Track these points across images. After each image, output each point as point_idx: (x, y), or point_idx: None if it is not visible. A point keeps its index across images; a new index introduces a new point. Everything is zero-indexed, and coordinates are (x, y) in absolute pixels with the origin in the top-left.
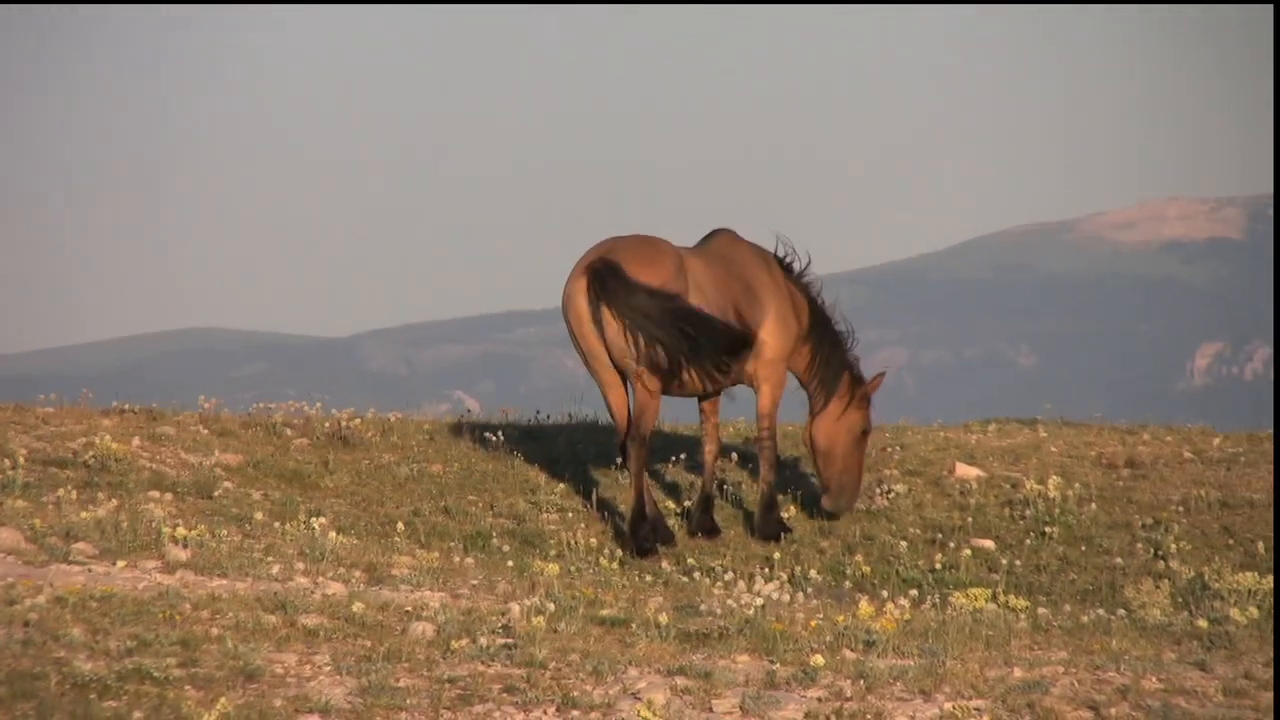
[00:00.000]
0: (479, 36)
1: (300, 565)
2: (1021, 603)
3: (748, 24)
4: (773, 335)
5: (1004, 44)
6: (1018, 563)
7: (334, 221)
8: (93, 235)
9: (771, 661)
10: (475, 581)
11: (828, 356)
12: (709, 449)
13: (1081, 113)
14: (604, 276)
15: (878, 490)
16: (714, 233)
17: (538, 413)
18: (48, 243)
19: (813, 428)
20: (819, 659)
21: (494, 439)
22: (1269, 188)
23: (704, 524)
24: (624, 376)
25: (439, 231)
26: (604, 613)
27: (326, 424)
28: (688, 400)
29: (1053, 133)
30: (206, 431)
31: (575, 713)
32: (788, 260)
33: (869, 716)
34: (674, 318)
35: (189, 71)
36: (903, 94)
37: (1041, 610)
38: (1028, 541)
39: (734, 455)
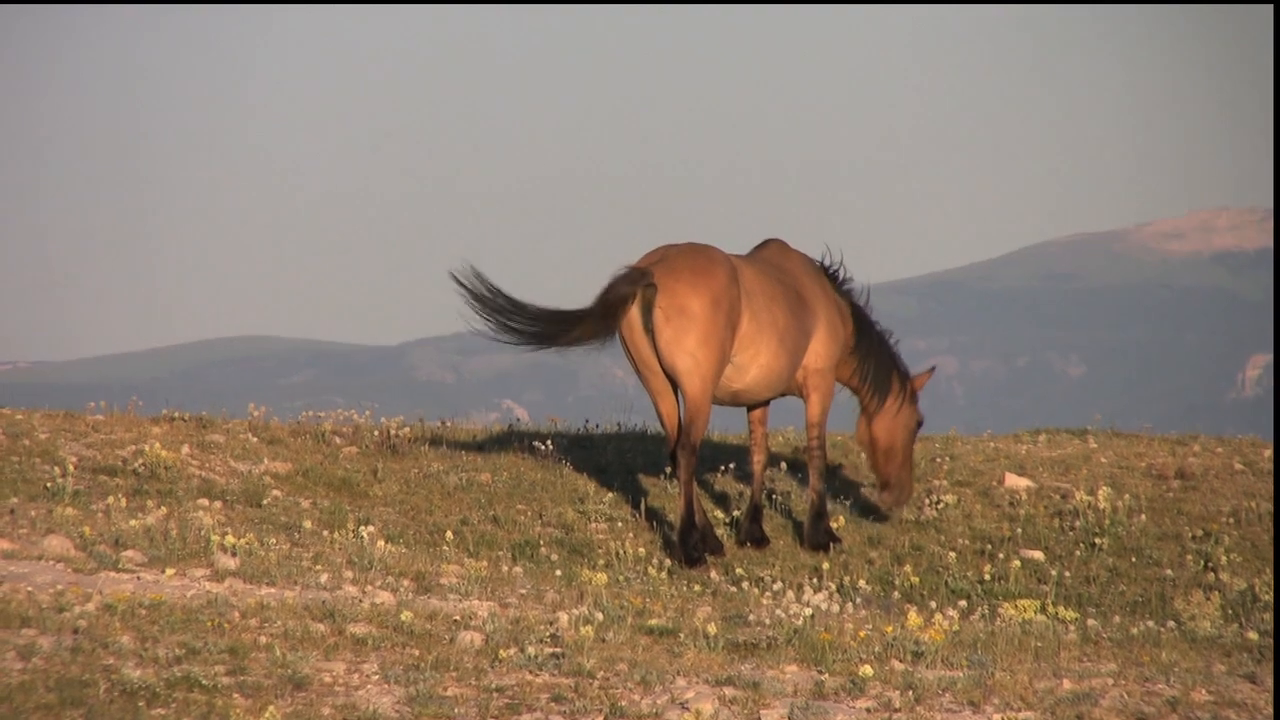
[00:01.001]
0: (533, 40)
1: (349, 574)
2: (1071, 614)
3: (794, 30)
4: (823, 344)
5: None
6: (1067, 574)
7: (384, 229)
8: (141, 242)
9: (820, 672)
10: (523, 591)
11: (875, 359)
12: (757, 458)
13: (1131, 121)
14: (648, 290)
15: (926, 501)
16: (765, 242)
17: (586, 422)
18: (97, 250)
19: (872, 428)
20: (867, 670)
21: (542, 448)
22: None
23: (752, 534)
24: (674, 385)
25: (489, 239)
26: (652, 622)
27: (375, 432)
28: (737, 410)
29: (1102, 142)
30: (255, 439)
31: None
32: (832, 269)
33: None
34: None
35: (239, 77)
36: (951, 103)
37: (1091, 622)
38: (1077, 553)
39: (782, 464)
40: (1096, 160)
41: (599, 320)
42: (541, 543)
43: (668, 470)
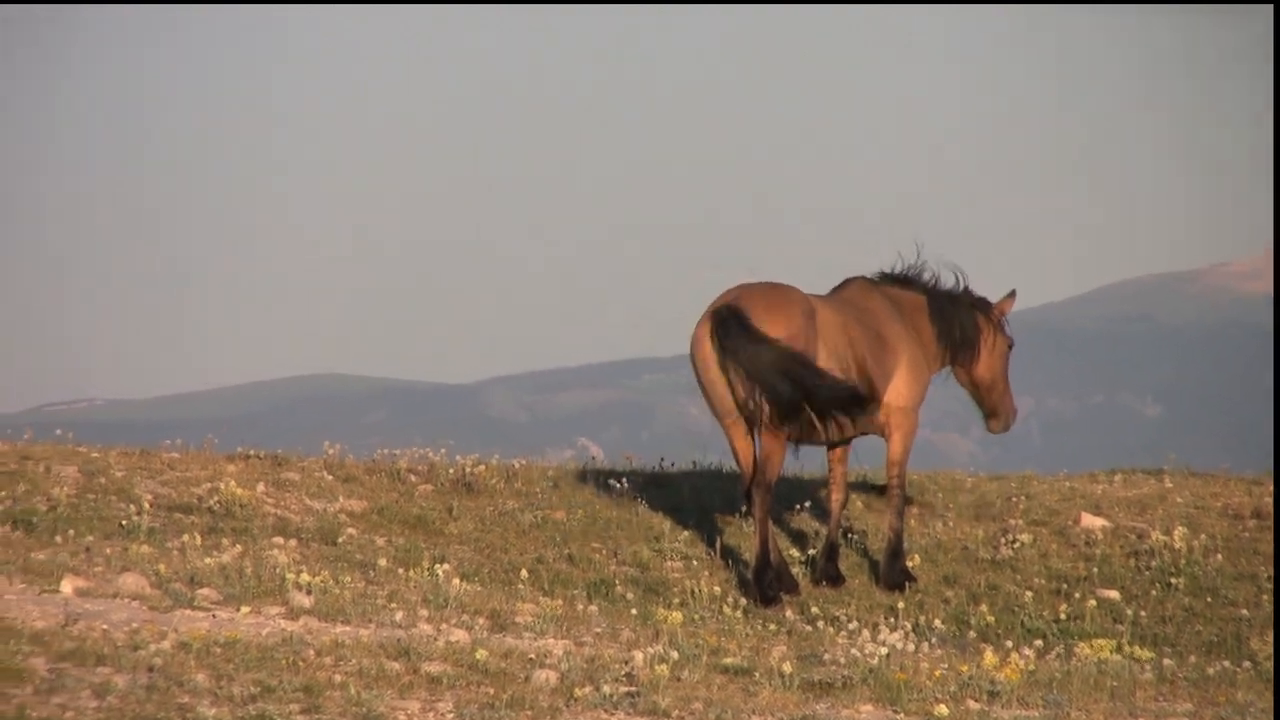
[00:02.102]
0: (606, 79)
1: (424, 612)
2: (1146, 654)
3: (870, 66)
4: (905, 384)
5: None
6: (1143, 613)
7: (460, 270)
8: (218, 281)
9: (895, 711)
10: (599, 629)
11: (959, 325)
12: (835, 497)
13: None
14: (727, 323)
15: (1002, 540)
16: (846, 281)
17: (662, 460)
18: (173, 288)
19: (973, 372)
20: (943, 709)
21: (618, 486)
22: None
23: (828, 572)
24: (750, 423)
25: (563, 279)
26: (727, 661)
27: (451, 470)
28: (815, 448)
29: (1177, 182)
30: (331, 478)
31: None
32: (897, 271)
33: None
34: (789, 369)
35: (328, 123)
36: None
37: (1167, 661)
38: (1153, 592)
39: (859, 503)
40: (1172, 200)
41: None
42: (617, 581)
43: (743, 509)
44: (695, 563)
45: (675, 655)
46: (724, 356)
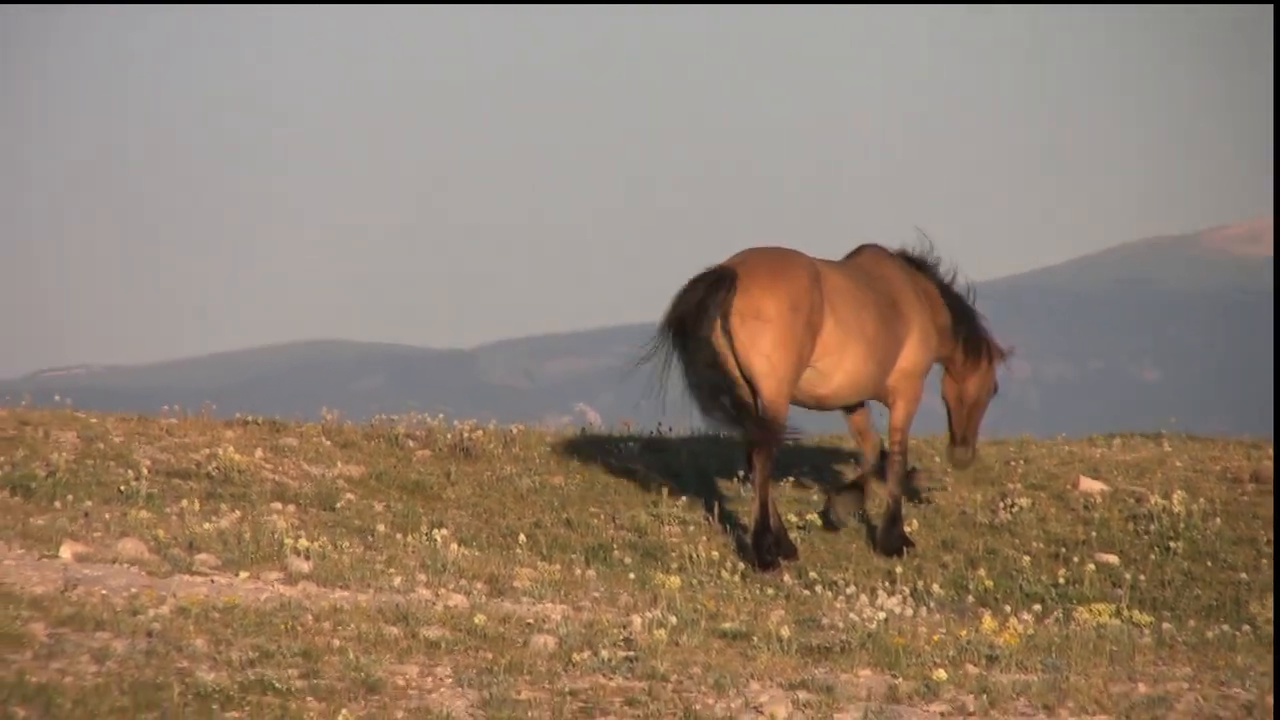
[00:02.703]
0: (606, 49)
1: (422, 577)
2: (1146, 618)
3: (872, 37)
4: (915, 350)
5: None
6: (1142, 578)
7: (456, 233)
8: (212, 247)
9: (894, 676)
10: (597, 594)
11: (967, 327)
12: (867, 448)
13: (1205, 124)
14: (722, 293)
15: (1001, 504)
16: (860, 248)
17: (659, 425)
18: (168, 254)
19: (963, 385)
20: (942, 674)
21: (615, 451)
22: None
23: (889, 541)
24: (751, 385)
25: (561, 244)
26: (726, 626)
27: (449, 436)
28: (817, 414)
29: (1176, 145)
30: (329, 443)
31: None
32: (918, 255)
33: None
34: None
35: (317, 88)
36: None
37: (1166, 626)
38: (1152, 556)
39: (856, 467)
40: (1171, 164)
41: (678, 324)
42: (615, 546)
43: (741, 474)
44: (693, 527)
45: (673, 620)
46: (726, 323)
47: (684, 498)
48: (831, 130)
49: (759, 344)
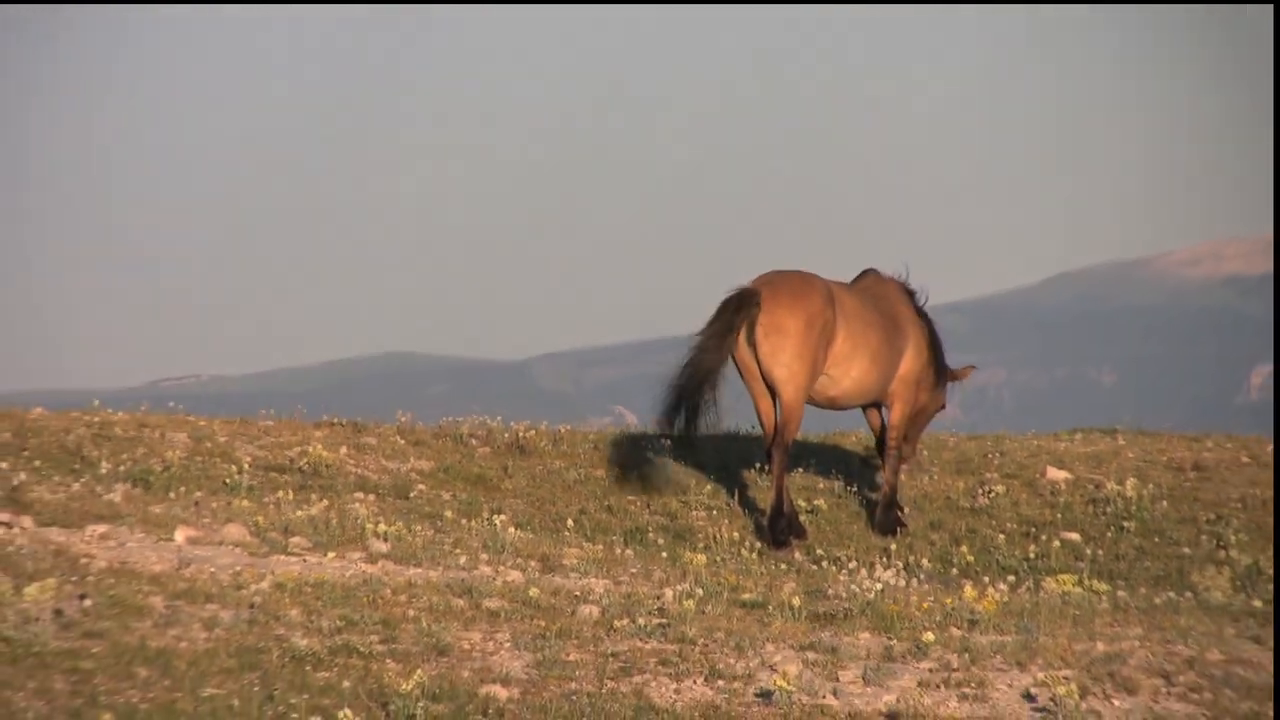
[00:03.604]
0: (661, 65)
1: (484, 556)
2: (1103, 587)
3: (856, 66)
4: (911, 360)
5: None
6: (1100, 552)
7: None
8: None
9: (889, 638)
10: (634, 570)
11: (938, 365)
12: (888, 443)
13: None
14: (749, 307)
15: (980, 490)
16: (864, 272)
17: None
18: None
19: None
20: (930, 636)
21: (650, 447)
22: None
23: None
24: (772, 391)
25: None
26: (745, 596)
27: (505, 435)
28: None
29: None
30: (403, 441)
31: (720, 682)
32: (910, 288)
33: (973, 685)
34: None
35: (393, 120)
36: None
37: (1121, 593)
38: (1108, 534)
39: (858, 461)
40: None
41: (720, 338)
42: (649, 529)
43: (758, 465)
44: (717, 512)
45: (700, 592)
46: (751, 335)
47: (709, 487)
48: (844, 142)
49: (780, 355)
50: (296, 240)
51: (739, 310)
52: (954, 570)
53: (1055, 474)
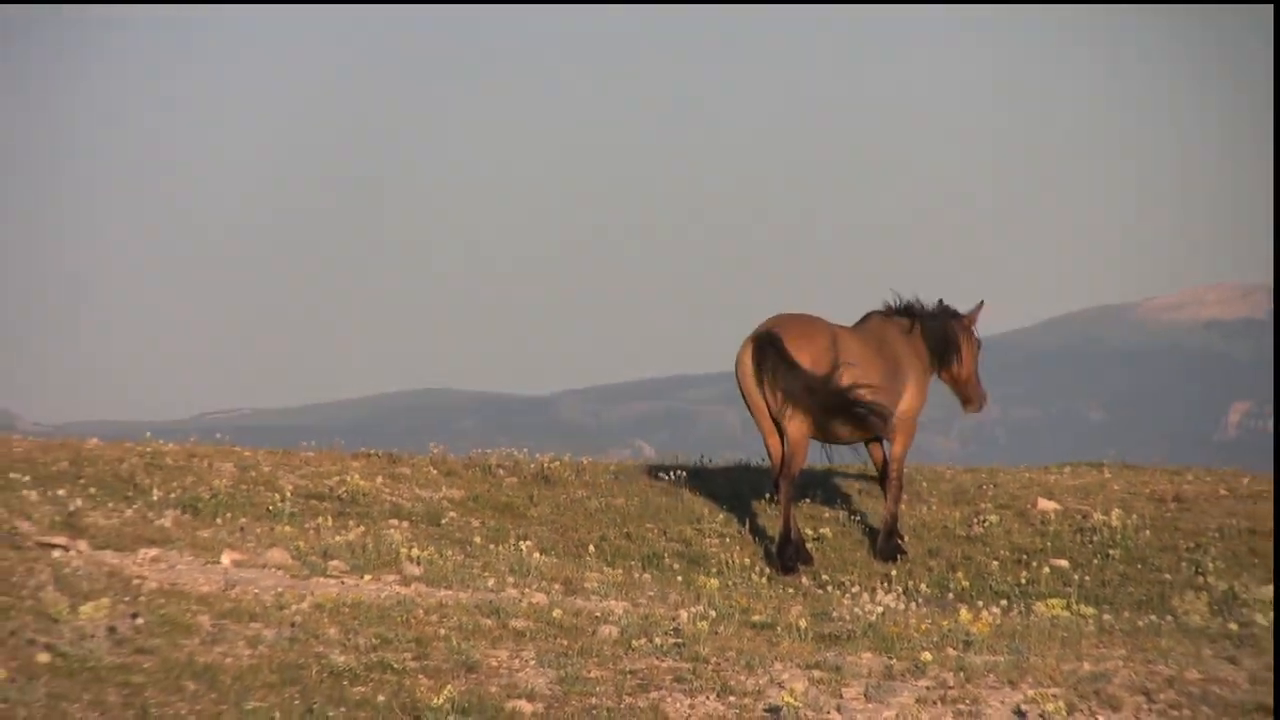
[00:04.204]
0: (666, 108)
1: (510, 579)
2: (1090, 610)
3: (859, 112)
4: (911, 398)
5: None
6: (1086, 578)
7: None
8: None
9: (889, 658)
10: (651, 593)
11: (944, 341)
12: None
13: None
14: (765, 349)
15: (975, 520)
16: (867, 315)
17: (702, 457)
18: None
19: (955, 371)
20: (927, 656)
21: (667, 478)
22: None
23: (889, 549)
24: (779, 426)
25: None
26: (755, 618)
27: (531, 466)
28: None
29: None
30: (435, 472)
31: (732, 698)
32: (902, 304)
33: (967, 701)
34: (814, 386)
35: (419, 159)
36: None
37: (1106, 617)
38: (1095, 561)
39: (857, 488)
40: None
41: (784, 364)
42: (665, 555)
43: (767, 495)
44: (729, 539)
45: (713, 613)
46: (762, 375)
47: (722, 515)
48: (854, 188)
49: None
50: (332, 280)
51: (771, 345)
52: (950, 595)
53: (1045, 504)
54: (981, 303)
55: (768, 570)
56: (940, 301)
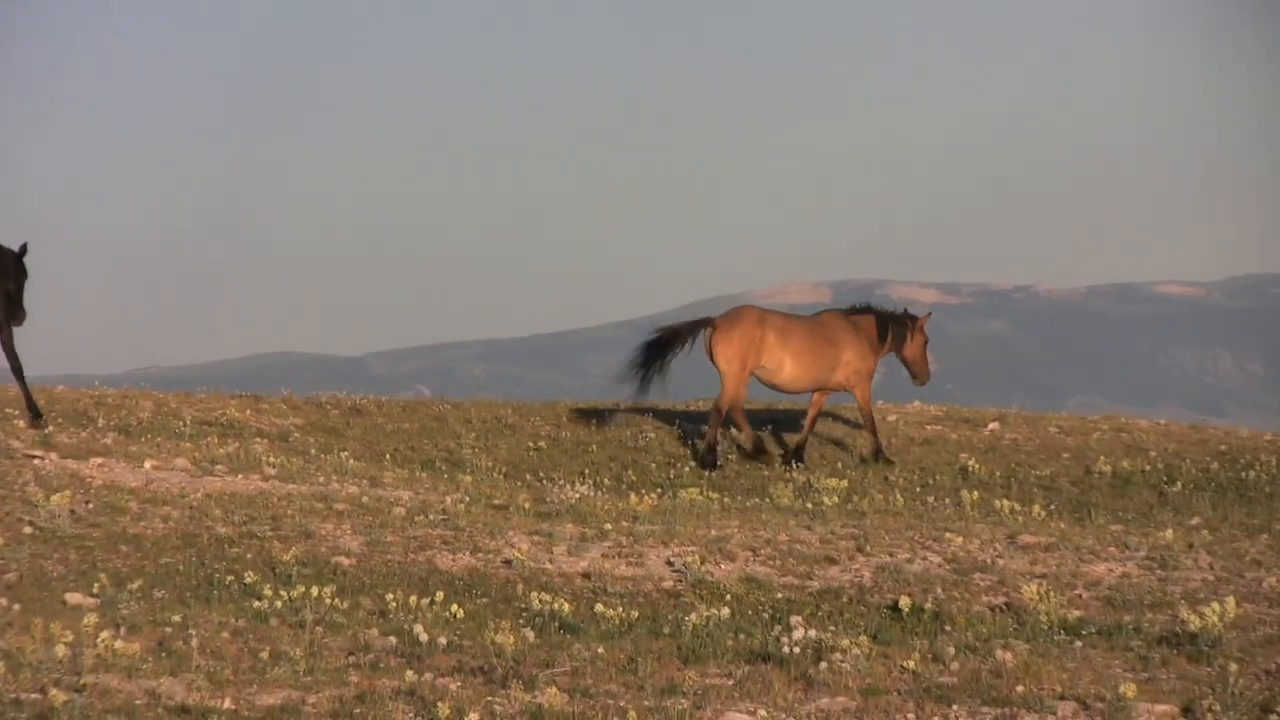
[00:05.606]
0: (636, 87)
1: (335, 477)
2: (715, 495)
3: (874, 115)
4: (855, 361)
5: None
6: (713, 474)
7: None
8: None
9: (585, 528)
10: (427, 486)
11: (896, 330)
12: (807, 421)
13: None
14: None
15: (639, 435)
16: (821, 311)
17: (462, 399)
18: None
19: (904, 353)
20: (609, 526)
21: (437, 409)
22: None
23: (798, 455)
24: (721, 382)
25: (409, 290)
26: (495, 502)
27: (348, 402)
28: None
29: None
30: (285, 407)
31: (480, 554)
32: (859, 307)
33: (635, 556)
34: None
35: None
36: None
37: (726, 500)
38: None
39: (770, 426)
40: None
41: (679, 339)
42: (436, 461)
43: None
44: (478, 450)
45: (468, 499)
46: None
47: (473, 435)
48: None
49: (722, 356)
50: (220, 263)
51: (694, 326)
52: (624, 485)
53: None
54: (930, 313)
55: (505, 469)
56: (905, 310)
